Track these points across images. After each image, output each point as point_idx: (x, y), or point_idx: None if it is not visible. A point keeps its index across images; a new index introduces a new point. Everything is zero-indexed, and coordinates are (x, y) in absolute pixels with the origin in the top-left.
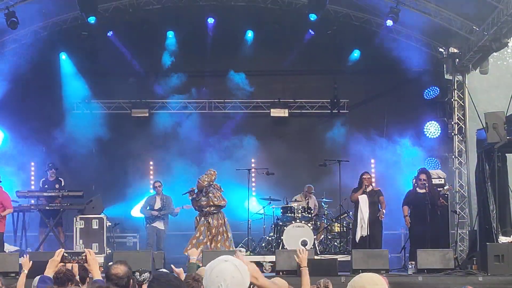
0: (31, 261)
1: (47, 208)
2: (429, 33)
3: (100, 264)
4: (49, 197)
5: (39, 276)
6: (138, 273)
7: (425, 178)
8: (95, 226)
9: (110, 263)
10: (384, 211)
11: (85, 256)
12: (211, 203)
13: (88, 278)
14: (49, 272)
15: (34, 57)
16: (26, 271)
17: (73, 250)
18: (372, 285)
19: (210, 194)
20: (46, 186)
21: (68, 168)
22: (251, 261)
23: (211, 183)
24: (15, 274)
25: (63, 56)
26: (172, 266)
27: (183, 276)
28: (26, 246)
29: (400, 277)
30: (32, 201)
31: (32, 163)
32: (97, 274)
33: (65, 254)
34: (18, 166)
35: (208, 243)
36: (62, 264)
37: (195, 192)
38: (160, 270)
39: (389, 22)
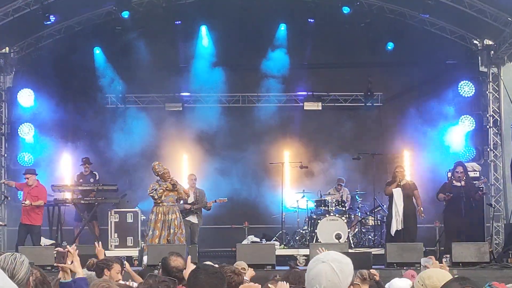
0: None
1: (82, 202)
2: (464, 25)
3: (134, 258)
4: (84, 191)
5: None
6: None
7: (461, 171)
8: (129, 219)
9: (164, 256)
10: (422, 208)
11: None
12: (185, 192)
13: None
14: (80, 272)
15: (68, 52)
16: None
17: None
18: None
19: (178, 186)
20: (81, 180)
21: (102, 162)
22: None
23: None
24: (51, 268)
25: (97, 51)
26: None
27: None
28: (61, 240)
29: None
30: (67, 195)
31: (67, 157)
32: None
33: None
34: (53, 161)
35: (160, 238)
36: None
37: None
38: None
39: (423, 14)
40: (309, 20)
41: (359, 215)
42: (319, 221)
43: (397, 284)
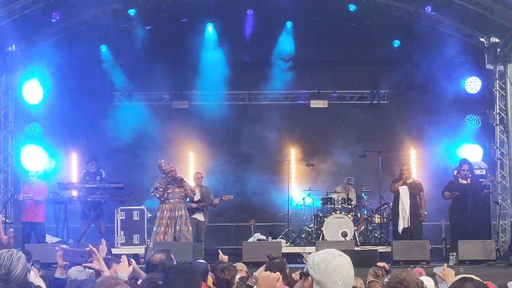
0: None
1: (89, 199)
2: (470, 23)
3: (141, 255)
4: (90, 188)
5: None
6: None
7: (467, 169)
8: (136, 217)
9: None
10: (425, 212)
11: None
12: (191, 189)
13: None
14: (107, 271)
15: (74, 49)
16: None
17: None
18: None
19: (185, 183)
20: (88, 178)
21: (109, 160)
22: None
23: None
24: (57, 265)
25: (103, 49)
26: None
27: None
28: (67, 238)
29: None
30: (74, 193)
31: (73, 155)
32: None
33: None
34: (60, 158)
35: (165, 235)
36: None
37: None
38: (200, 261)
39: (429, 9)
40: (314, 17)
41: (365, 213)
42: (325, 219)
43: None
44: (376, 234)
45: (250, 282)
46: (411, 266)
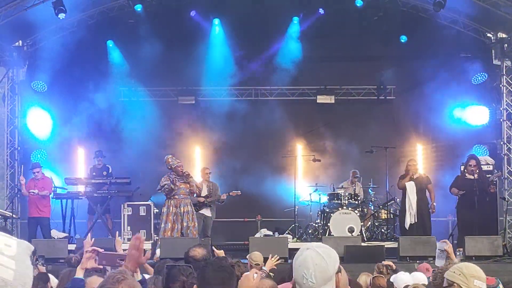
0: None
1: (95, 195)
2: (477, 18)
3: (147, 250)
4: (97, 184)
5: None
6: None
7: (474, 164)
8: (142, 213)
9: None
10: (434, 204)
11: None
12: (197, 186)
13: None
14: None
15: (81, 45)
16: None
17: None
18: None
19: (191, 179)
20: (94, 173)
21: (115, 155)
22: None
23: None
24: (64, 260)
25: (110, 44)
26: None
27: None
28: (74, 233)
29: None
30: (80, 188)
31: (80, 151)
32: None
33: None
34: (66, 153)
35: (172, 231)
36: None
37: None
38: None
39: (436, 8)
40: (320, 12)
41: (372, 208)
42: (332, 214)
43: (401, 278)
44: (382, 230)
45: None
46: (417, 261)
